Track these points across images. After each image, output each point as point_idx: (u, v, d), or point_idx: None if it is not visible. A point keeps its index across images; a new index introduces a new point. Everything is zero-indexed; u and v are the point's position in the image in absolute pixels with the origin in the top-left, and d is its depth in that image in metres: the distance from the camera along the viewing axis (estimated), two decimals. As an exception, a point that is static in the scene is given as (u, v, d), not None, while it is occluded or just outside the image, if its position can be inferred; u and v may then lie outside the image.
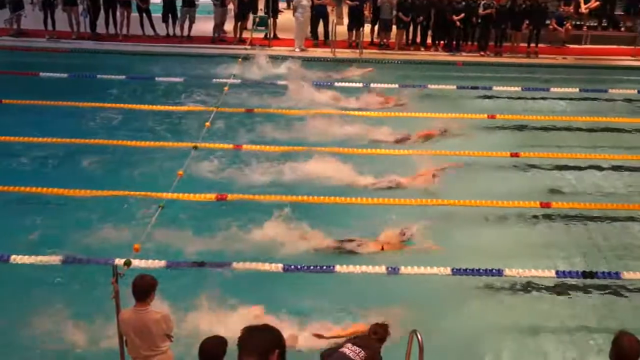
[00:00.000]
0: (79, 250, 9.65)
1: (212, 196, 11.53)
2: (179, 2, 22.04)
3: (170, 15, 22.18)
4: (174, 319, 6.93)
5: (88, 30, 22.04)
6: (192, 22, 22.22)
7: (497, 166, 13.33)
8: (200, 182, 11.96)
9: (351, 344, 6.04)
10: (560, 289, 9.45)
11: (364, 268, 9.52)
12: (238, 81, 17.97)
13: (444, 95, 17.76)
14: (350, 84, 18.27)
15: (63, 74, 18.24)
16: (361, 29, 21.86)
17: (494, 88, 18.33)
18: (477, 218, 11.30)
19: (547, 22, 23.06)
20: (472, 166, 13.22)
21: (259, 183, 12.17)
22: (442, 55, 21.98)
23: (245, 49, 21.10)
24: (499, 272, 9.54)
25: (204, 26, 22.45)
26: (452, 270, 9.55)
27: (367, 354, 5.88)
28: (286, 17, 23.24)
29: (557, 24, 23.11)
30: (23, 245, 9.73)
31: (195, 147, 12.88)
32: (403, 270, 9.48)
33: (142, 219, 10.27)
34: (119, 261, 8.39)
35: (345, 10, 23.43)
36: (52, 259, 9.43)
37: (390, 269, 9.49)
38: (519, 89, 18.49)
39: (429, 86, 18.30)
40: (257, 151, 13.46)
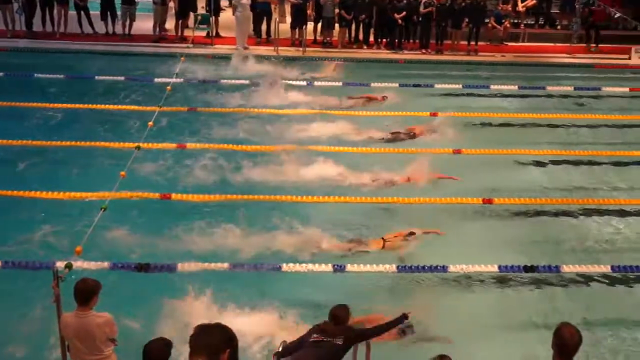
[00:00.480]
0: (19, 254, 9.40)
1: (156, 196, 11.39)
2: (117, 0, 21.65)
3: (109, 13, 21.79)
4: (118, 322, 6.80)
5: (24, 29, 21.49)
6: (132, 20, 21.87)
7: (439, 163, 13.46)
8: (144, 182, 11.78)
9: (316, 333, 6.08)
10: (503, 282, 9.62)
11: (310, 267, 9.53)
12: (181, 80, 17.76)
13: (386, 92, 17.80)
14: (295, 82, 18.24)
15: (-2, 73, 17.76)
16: (304, 27, 21.89)
17: (436, 86, 18.57)
18: (419, 216, 11.40)
19: (486, 20, 23.55)
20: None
21: (204, 182, 12.07)
22: (385, 53, 22.19)
23: (187, 47, 20.90)
24: (444, 268, 9.66)
25: (145, 24, 22.14)
26: (398, 267, 9.64)
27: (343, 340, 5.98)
28: (228, 15, 23.09)
29: (495, 22, 23.60)
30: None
31: (138, 147, 12.64)
32: (349, 267, 9.53)
33: (84, 221, 10.00)
34: (60, 264, 8.19)
35: (288, 8, 23.42)
36: (-9, 263, 9.15)
37: (336, 266, 9.54)
38: (460, 86, 18.79)
39: (372, 84, 18.41)
40: (201, 150, 13.32)
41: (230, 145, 13.59)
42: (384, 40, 22.74)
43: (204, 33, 22.54)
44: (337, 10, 22.06)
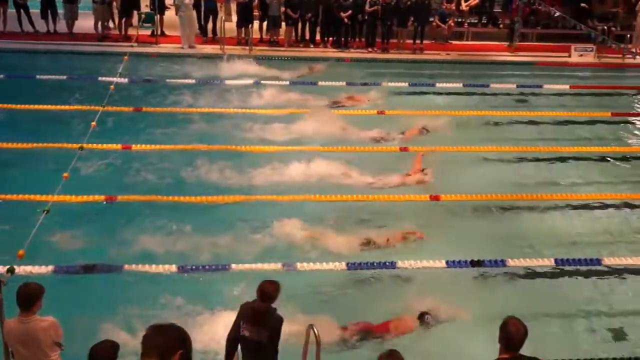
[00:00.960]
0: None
1: (101, 198, 11.20)
2: (58, -2, 21.26)
3: (50, 12, 21.34)
4: (63, 326, 6.65)
5: (-39, 27, 20.93)
6: (74, 18, 21.45)
7: (385, 160, 13.57)
8: (88, 183, 11.58)
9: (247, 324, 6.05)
10: (450, 277, 9.74)
11: (258, 265, 9.50)
12: (125, 79, 17.50)
13: (335, 91, 17.84)
14: (242, 81, 18.15)
15: None
16: (250, 25, 21.81)
17: (383, 84, 18.67)
18: (366, 213, 11.44)
19: (431, 19, 23.83)
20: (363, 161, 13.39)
21: (149, 183, 11.92)
22: (331, 52, 22.25)
23: (131, 46, 20.59)
24: (392, 265, 9.75)
25: (87, 23, 21.72)
26: (348, 265, 9.70)
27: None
28: (173, 14, 22.84)
29: (440, 21, 23.94)
30: None
31: (81, 148, 12.39)
32: (299, 267, 9.55)
33: (27, 223, 9.74)
34: (1, 269, 7.98)
35: (234, 6, 23.30)
36: None
37: (285, 265, 9.54)
38: (406, 84, 18.97)
39: (320, 83, 18.44)
40: (146, 150, 13.15)
41: (178, 146, 13.45)
42: (331, 39, 22.81)
43: (148, 32, 22.26)
44: (283, 9, 22.03)
